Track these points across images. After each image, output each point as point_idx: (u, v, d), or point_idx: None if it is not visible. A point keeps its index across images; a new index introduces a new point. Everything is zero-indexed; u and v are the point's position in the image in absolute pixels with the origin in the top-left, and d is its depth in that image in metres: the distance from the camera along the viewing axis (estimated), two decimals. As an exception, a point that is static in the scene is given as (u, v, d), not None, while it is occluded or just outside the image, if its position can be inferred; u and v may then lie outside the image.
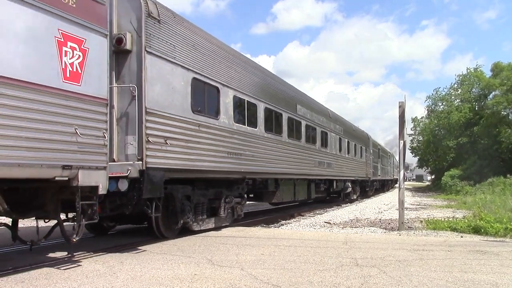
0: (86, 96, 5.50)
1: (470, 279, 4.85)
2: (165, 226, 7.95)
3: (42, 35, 4.93)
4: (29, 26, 4.79)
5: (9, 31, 4.56)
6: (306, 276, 4.99)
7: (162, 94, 7.21)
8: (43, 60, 4.94)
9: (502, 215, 11.06)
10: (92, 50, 5.61)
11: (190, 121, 7.94)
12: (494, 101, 34.35)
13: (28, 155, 4.69)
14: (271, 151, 11.59)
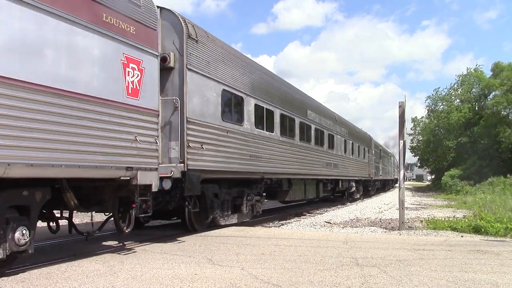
0: (143, 109, 6.51)
1: (471, 279, 4.85)
2: (196, 220, 8.97)
3: (111, 59, 5.94)
4: (102, 52, 5.78)
5: (88, 58, 5.56)
6: (307, 275, 4.98)
7: (199, 104, 8.32)
8: (112, 80, 5.93)
9: (502, 214, 11.06)
10: (147, 69, 6.63)
11: (220, 128, 9.01)
12: (494, 101, 34.36)
13: (103, 159, 5.68)
14: (285, 153, 12.65)
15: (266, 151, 11.20)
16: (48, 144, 4.91)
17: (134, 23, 6.38)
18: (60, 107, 5.08)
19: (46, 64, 4.97)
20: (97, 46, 5.69)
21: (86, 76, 5.49)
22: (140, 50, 6.50)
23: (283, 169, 12.44)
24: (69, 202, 5.90)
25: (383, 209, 17.30)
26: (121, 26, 6.11)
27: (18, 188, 5.00)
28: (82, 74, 5.45)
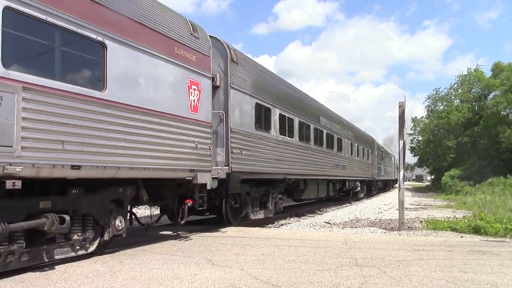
0: (201, 122, 7.96)
1: (470, 279, 4.85)
2: (232, 215, 10.32)
3: (180, 83, 7.42)
4: (174, 78, 7.29)
5: (165, 83, 7.06)
6: (306, 276, 4.99)
7: (239, 116, 9.84)
8: (180, 99, 7.40)
9: (502, 215, 11.07)
10: (203, 89, 8.10)
11: (254, 135, 10.60)
12: (494, 101, 34.34)
13: (174, 162, 7.16)
14: (302, 156, 14.17)
15: (287, 155, 12.69)
16: (141, 152, 6.39)
17: (195, 52, 7.93)
18: (147, 122, 6.52)
19: (140, 90, 6.45)
20: (171, 73, 7.21)
21: (163, 97, 6.97)
22: (199, 74, 8.01)
23: (300, 170, 13.90)
24: (142, 198, 7.13)
25: (382, 210, 17.30)
26: (186, 56, 7.65)
27: (115, 186, 6.42)
28: (161, 96, 6.90)
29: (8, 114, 4.53)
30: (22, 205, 5.09)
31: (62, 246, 5.70)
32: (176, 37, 7.37)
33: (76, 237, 5.78)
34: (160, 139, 6.81)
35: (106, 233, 6.21)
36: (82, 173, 5.45)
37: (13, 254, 4.93)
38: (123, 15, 6.17)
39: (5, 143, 4.49)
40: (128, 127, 6.12)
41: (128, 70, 6.23)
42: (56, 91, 5.11)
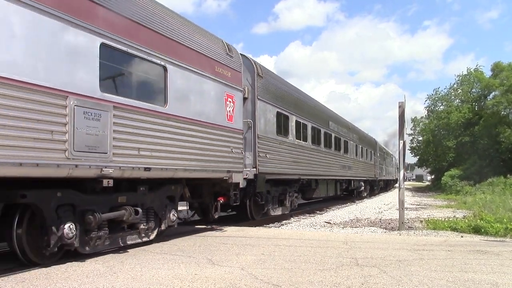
0: (235, 129, 9.26)
1: (470, 279, 4.85)
2: (255, 211, 11.64)
3: (219, 97, 8.69)
4: (215, 93, 8.55)
5: (208, 97, 8.34)
6: (307, 276, 4.98)
7: (263, 124, 11.21)
8: (219, 111, 8.68)
9: (502, 215, 11.06)
10: (236, 101, 9.38)
11: (276, 140, 12.00)
12: (494, 101, 34.33)
13: (215, 165, 8.38)
14: (314, 158, 15.54)
15: (302, 157, 14.08)
16: (192, 156, 7.69)
17: (230, 70, 9.19)
18: (195, 131, 7.81)
19: (190, 104, 7.76)
20: (212, 89, 8.47)
21: (207, 109, 8.24)
22: (233, 88, 9.27)
23: (312, 171, 15.22)
24: (185, 195, 8.27)
25: (383, 209, 17.30)
26: (224, 73, 8.91)
27: (169, 185, 7.61)
28: (205, 108, 8.18)
29: (104, 127, 5.77)
30: (108, 199, 6.30)
31: (132, 234, 6.91)
32: (216, 57, 8.70)
33: (142, 226, 7.00)
34: (205, 145, 8.11)
35: (163, 224, 7.52)
36: (151, 174, 6.73)
37: (100, 239, 6.08)
38: (179, 43, 7.56)
39: (102, 150, 5.74)
40: (183, 136, 7.47)
41: (182, 88, 7.59)
42: (135, 108, 6.38)
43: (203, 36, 8.43)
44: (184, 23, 7.95)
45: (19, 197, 5.08)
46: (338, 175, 19.31)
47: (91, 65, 5.66)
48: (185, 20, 8.07)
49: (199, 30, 8.42)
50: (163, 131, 6.95)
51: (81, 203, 5.85)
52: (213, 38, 8.93)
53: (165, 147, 6.98)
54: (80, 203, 5.85)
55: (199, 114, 7.96)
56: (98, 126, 5.66)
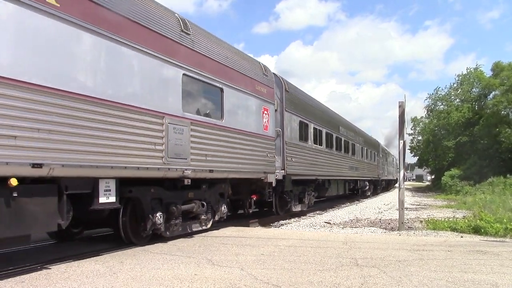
0: (269, 137, 10.96)
1: (470, 279, 4.85)
2: (280, 207, 13.19)
3: (258, 110, 10.41)
4: (256, 107, 10.29)
5: (252, 111, 10.06)
6: (306, 276, 4.99)
7: (289, 132, 12.90)
8: (258, 122, 10.38)
9: (502, 215, 11.06)
10: (270, 113, 11.06)
11: (299, 145, 13.70)
12: (494, 101, 34.29)
13: (256, 167, 10.10)
14: (328, 160, 17.24)
15: (318, 160, 15.79)
16: (240, 160, 9.39)
17: (265, 87, 10.91)
18: (243, 140, 9.55)
19: (238, 117, 9.50)
20: (253, 104, 10.22)
21: (250, 121, 9.97)
22: (268, 102, 11.00)
23: (326, 172, 16.89)
24: (229, 192, 9.75)
25: (382, 210, 17.30)
26: (261, 90, 10.63)
27: (220, 184, 9.25)
28: (249, 120, 9.93)
29: (185, 139, 7.49)
30: (182, 195, 8.02)
31: (195, 222, 8.62)
32: (256, 77, 10.45)
33: (203, 217, 8.66)
34: (249, 150, 9.78)
35: (216, 215, 9.19)
36: (213, 175, 8.49)
37: (176, 226, 7.81)
38: (231, 68, 9.24)
39: (184, 157, 7.42)
40: (233, 143, 9.12)
41: (233, 104, 9.26)
42: (203, 123, 8.11)
43: (246, 60, 10.29)
44: (233, 51, 9.72)
45: (128, 192, 6.70)
46: (347, 175, 21.03)
47: (176, 91, 7.39)
48: (233, 48, 9.92)
49: (242, 55, 10.31)
50: (220, 140, 8.65)
51: (165, 197, 7.56)
52: (253, 61, 10.91)
53: (222, 153, 8.66)
54: (165, 197, 7.55)
55: (245, 125, 9.71)
56: (181, 138, 7.40)
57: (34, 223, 5.07)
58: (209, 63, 8.38)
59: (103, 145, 5.77)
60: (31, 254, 6.79)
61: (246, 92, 9.84)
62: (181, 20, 7.77)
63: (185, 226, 8.23)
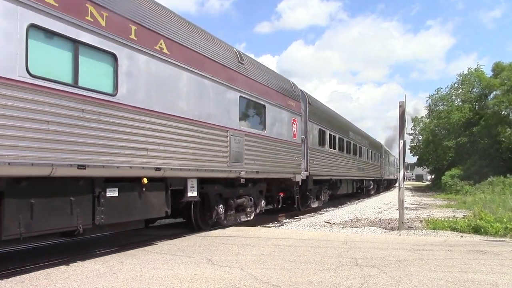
0: (297, 143, 12.91)
1: (470, 279, 4.85)
2: (301, 203, 15.02)
3: (289, 121, 12.36)
4: (287, 119, 12.22)
5: (285, 122, 12.02)
6: (306, 276, 4.99)
7: (311, 138, 15.15)
8: (289, 131, 12.30)
9: (502, 214, 11.05)
10: (298, 123, 13.11)
11: (318, 150, 15.96)
12: (495, 101, 34.26)
13: (286, 169, 11.91)
14: (340, 162, 19.45)
15: (332, 162, 17.94)
16: (278, 163, 11.46)
17: (293, 101, 12.93)
18: (279, 146, 11.56)
19: (276, 128, 11.50)
20: (286, 116, 12.27)
21: (283, 131, 12.03)
22: (295, 114, 13.03)
23: (339, 172, 19.10)
24: (264, 190, 11.59)
25: (382, 209, 17.30)
26: (291, 104, 12.68)
27: (260, 183, 11.20)
28: (283, 130, 11.97)
29: (241, 147, 9.54)
30: (235, 191, 10.03)
31: (242, 214, 10.56)
32: (287, 94, 12.52)
33: (249, 209, 10.70)
34: (283, 154, 11.83)
35: (257, 209, 11.21)
36: (259, 175, 10.57)
37: (231, 216, 9.85)
38: (270, 88, 11.34)
39: (240, 161, 9.47)
40: (272, 149, 11.21)
41: (272, 117, 11.36)
42: (253, 134, 10.23)
43: (280, 79, 12.43)
44: (272, 74, 11.91)
45: (200, 188, 8.46)
46: (355, 175, 23.39)
47: (235, 110, 9.46)
48: (272, 71, 12.09)
49: (278, 75, 12.41)
50: (263, 147, 10.71)
51: (225, 193, 9.59)
52: (285, 80, 12.94)
53: (264, 158, 10.71)
54: (224, 193, 9.58)
55: (280, 134, 11.75)
56: (238, 146, 9.46)
57: (153, 210, 7.12)
58: (256, 85, 10.51)
59: (193, 153, 7.84)
60: (31, 254, 6.79)
61: (281, 107, 11.94)
62: (238, 53, 9.91)
63: (236, 216, 10.20)
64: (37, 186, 5.16)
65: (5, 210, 4.82)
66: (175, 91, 7.39)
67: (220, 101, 8.82)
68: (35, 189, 5.14)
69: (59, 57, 5.44)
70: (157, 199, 7.16)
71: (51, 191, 5.34)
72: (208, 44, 8.53)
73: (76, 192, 5.65)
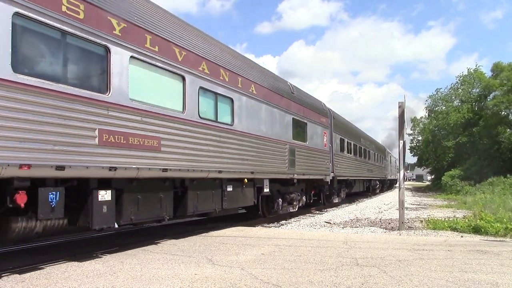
0: (326, 151, 16.16)
1: (470, 279, 4.85)
2: (325, 199, 18.30)
3: (321, 134, 15.79)
4: (320, 132, 15.70)
5: (319, 135, 15.53)
6: (306, 276, 4.98)
7: (335, 146, 18.03)
8: (322, 141, 15.71)
9: (502, 214, 11.05)
10: (327, 134, 16.42)
11: (340, 155, 18.79)
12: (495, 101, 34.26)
13: (319, 171, 15.22)
14: (354, 165, 22.62)
15: (349, 165, 21.16)
16: (314, 167, 14.55)
17: (324, 117, 16.12)
18: (315, 154, 14.66)
19: (313, 139, 14.68)
20: (320, 130, 15.46)
21: (318, 142, 15.18)
22: (325, 127, 16.23)
23: (354, 173, 22.27)
24: (304, 188, 14.51)
25: (383, 209, 17.30)
26: (322, 120, 15.75)
27: (302, 182, 14.19)
28: (317, 141, 15.11)
29: (294, 155, 12.63)
30: (288, 188, 12.99)
31: (290, 206, 13.20)
32: (320, 112, 15.80)
33: (295, 203, 13.43)
34: (317, 160, 14.92)
35: (300, 202, 13.98)
36: (304, 176, 13.52)
37: (285, 207, 12.67)
38: (310, 109, 14.51)
39: (293, 166, 12.58)
40: (312, 156, 14.34)
41: (311, 132, 14.46)
42: (299, 145, 13.18)
43: (315, 101, 15.90)
44: (311, 98, 15.53)
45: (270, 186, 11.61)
46: (365, 176, 26.77)
47: (289, 128, 12.59)
48: (311, 96, 15.67)
49: (313, 98, 15.90)
50: (306, 155, 13.78)
51: (282, 190, 12.65)
52: (318, 101, 16.48)
53: (307, 163, 13.84)
54: (282, 190, 12.64)
55: (316, 144, 14.95)
56: (293, 155, 12.51)
57: (248, 200, 10.47)
58: (301, 108, 13.79)
59: (268, 161, 11.04)
60: (31, 254, 6.79)
61: (316, 123, 15.15)
62: (290, 85, 13.49)
63: (287, 207, 13.18)
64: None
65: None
66: (258, 118, 10.68)
67: (281, 123, 12.08)
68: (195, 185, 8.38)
69: (209, 104, 8.66)
70: (250, 193, 10.58)
71: (205, 184, 8.66)
72: (275, 82, 12.11)
73: (214, 187, 8.97)
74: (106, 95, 5.93)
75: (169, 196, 7.58)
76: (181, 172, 7.48)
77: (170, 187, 7.67)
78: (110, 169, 5.91)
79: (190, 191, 8.05)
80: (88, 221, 5.85)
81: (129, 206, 6.57)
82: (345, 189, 20.99)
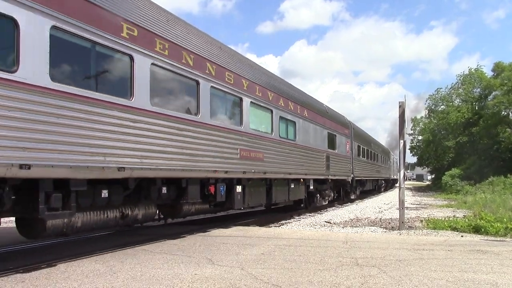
0: (348, 157, 20.66)
1: (470, 279, 4.85)
2: (345, 196, 21.42)
3: (345, 142, 20.15)
4: (344, 141, 19.98)
5: (343, 143, 19.62)
6: (306, 275, 4.98)
7: (354, 151, 21.96)
8: (345, 148, 20.03)
9: (502, 214, 11.05)
10: (349, 143, 20.96)
11: (357, 159, 22.66)
12: (495, 101, 34.25)
13: (343, 172, 19.35)
14: (367, 167, 26.36)
15: (363, 167, 24.79)
16: (338, 169, 18.37)
17: (346, 128, 20.44)
18: (338, 159, 18.35)
19: (338, 147, 18.60)
20: (344, 139, 19.71)
21: (343, 149, 19.47)
22: (347, 137, 20.43)
23: (366, 174, 26.15)
24: (331, 186, 18.46)
25: (383, 209, 17.30)
26: (345, 131, 20.04)
27: (330, 182, 18.18)
28: (341, 149, 19.09)
29: (329, 160, 17.11)
30: (321, 186, 17.01)
31: (322, 200, 17.34)
32: (343, 125, 19.32)
33: (327, 197, 17.60)
34: (343, 164, 18.96)
35: (329, 197, 17.92)
36: (333, 177, 17.55)
37: (319, 201, 17.07)
38: (336, 123, 18.34)
39: (329, 168, 17.04)
40: (339, 161, 18.23)
41: (339, 141, 18.42)
42: (332, 152, 17.40)
43: (340, 116, 19.61)
44: (337, 114, 18.93)
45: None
46: (374, 176, 30.42)
47: (325, 140, 16.50)
48: (337, 113, 19.22)
49: (339, 114, 19.70)
50: (335, 160, 17.36)
51: (319, 187, 16.48)
52: (342, 116, 20.05)
53: (337, 166, 17.46)
54: (319, 187, 16.47)
55: (341, 151, 18.42)
56: (329, 161, 16.53)
57: (301, 194, 14.40)
58: (332, 124, 17.52)
59: (313, 165, 14.74)
60: (32, 254, 6.79)
61: (342, 134, 18.83)
62: (326, 106, 17.47)
63: (321, 201, 16.74)
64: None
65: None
66: (308, 134, 14.51)
67: (321, 136, 15.94)
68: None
69: (283, 127, 12.51)
70: (302, 189, 14.51)
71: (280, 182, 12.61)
72: (317, 105, 16.20)
73: (284, 185, 12.87)
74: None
75: (264, 190, 11.64)
76: (271, 174, 11.41)
77: (264, 184, 11.63)
78: (244, 173, 9.81)
79: (273, 187, 12.05)
80: (232, 203, 9.66)
81: (248, 196, 10.42)
82: (359, 188, 25.08)
